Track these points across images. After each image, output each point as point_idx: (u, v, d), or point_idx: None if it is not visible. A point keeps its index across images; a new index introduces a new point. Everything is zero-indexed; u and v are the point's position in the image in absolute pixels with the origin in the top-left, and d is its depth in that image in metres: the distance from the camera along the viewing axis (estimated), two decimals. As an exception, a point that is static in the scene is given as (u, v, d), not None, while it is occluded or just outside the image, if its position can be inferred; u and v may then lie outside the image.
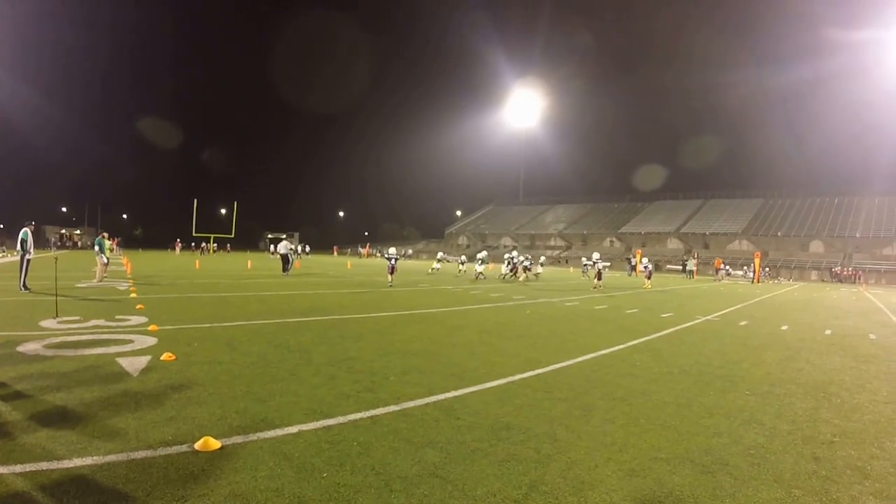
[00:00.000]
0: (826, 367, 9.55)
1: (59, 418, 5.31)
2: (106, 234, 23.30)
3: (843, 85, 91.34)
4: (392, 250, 26.27)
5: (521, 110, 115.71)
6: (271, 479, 4.14)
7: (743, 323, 15.84)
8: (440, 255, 43.06)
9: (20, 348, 8.39)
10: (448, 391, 6.86)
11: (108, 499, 3.74)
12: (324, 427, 5.34)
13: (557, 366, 8.70)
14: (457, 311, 16.11)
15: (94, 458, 4.39)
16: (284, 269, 30.03)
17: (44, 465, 4.21)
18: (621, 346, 10.74)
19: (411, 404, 6.22)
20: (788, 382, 8.23)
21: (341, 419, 5.59)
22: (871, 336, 14.23)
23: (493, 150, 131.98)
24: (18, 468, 4.14)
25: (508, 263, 34.89)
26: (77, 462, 4.31)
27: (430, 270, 39.24)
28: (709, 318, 16.81)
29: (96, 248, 22.27)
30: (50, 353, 8.19)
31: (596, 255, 30.74)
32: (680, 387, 7.63)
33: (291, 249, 32.15)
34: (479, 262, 34.57)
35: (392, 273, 25.43)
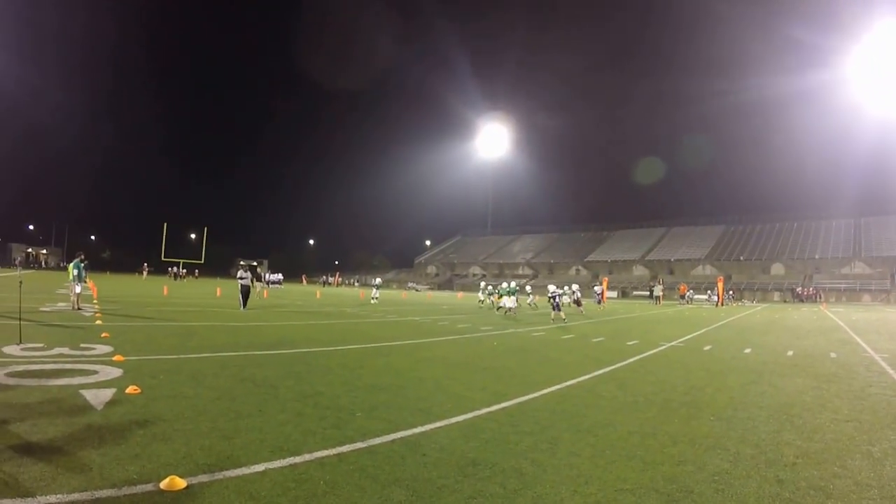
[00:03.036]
0: (788, 389, 9.74)
1: (22, 451, 5.21)
2: (82, 256, 21.82)
3: (801, 110, 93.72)
4: (378, 280, 27.00)
5: (489, 142, 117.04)
6: (237, 522, 4.09)
7: (707, 348, 16.07)
8: (377, 281, 42.33)
9: (-20, 375, 8.22)
10: (414, 426, 6.82)
11: (70, 544, 3.68)
12: (290, 465, 5.28)
13: (523, 398, 8.71)
14: (424, 343, 16.09)
15: (59, 495, 4.30)
16: (244, 304, 25.81)
17: (6, 503, 4.13)
18: (587, 377, 10.78)
19: (377, 441, 6.18)
20: (751, 406, 8.37)
21: (307, 456, 5.53)
22: (832, 355, 14.61)
23: (461, 180, 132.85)
24: (-23, 509, 4.03)
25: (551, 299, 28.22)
26: (41, 499, 4.22)
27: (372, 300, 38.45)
28: (673, 343, 17.01)
29: (74, 272, 20.85)
30: (12, 381, 8.09)
31: (574, 286, 30.52)
32: (645, 416, 7.69)
33: (253, 279, 29.05)
34: (508, 293, 30.91)
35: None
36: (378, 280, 26.26)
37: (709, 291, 61.81)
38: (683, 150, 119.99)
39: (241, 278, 26.51)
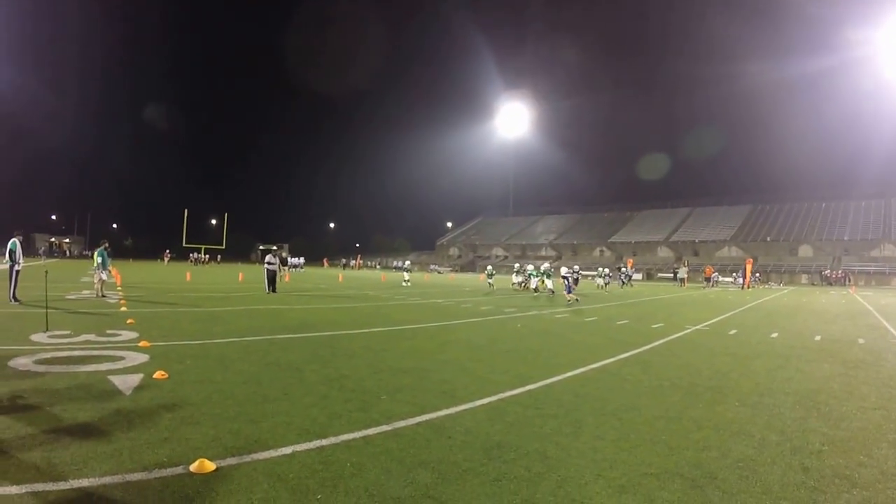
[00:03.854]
0: (815, 375, 9.62)
1: (53, 437, 5.33)
2: (107, 244, 21.87)
3: (829, 88, 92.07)
4: (408, 263, 27.34)
5: (511, 122, 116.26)
6: (266, 501, 4.18)
7: (733, 332, 15.92)
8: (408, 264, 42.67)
9: (11, 363, 8.43)
10: (439, 409, 6.89)
11: (103, 525, 3.77)
12: (317, 448, 5.37)
13: (548, 381, 8.75)
14: (447, 325, 16.17)
15: (90, 479, 4.41)
16: (270, 287, 26.25)
17: (39, 487, 4.23)
18: (611, 360, 10.79)
19: (403, 424, 6.25)
20: (777, 392, 8.29)
21: (334, 439, 5.62)
22: (860, 341, 14.35)
23: (483, 161, 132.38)
24: (14, 489, 4.16)
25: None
26: (73, 483, 4.33)
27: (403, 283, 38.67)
28: (698, 327, 16.91)
29: (98, 259, 21.06)
30: (41, 368, 8.23)
31: (567, 268, 29.66)
32: (670, 400, 7.68)
33: (278, 264, 28.07)
34: (545, 274, 32.46)
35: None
36: (408, 263, 26.32)
37: (734, 274, 61.22)
38: (708, 130, 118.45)
39: (269, 263, 26.71)
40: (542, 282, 32.53)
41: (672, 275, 59.31)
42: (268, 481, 4.56)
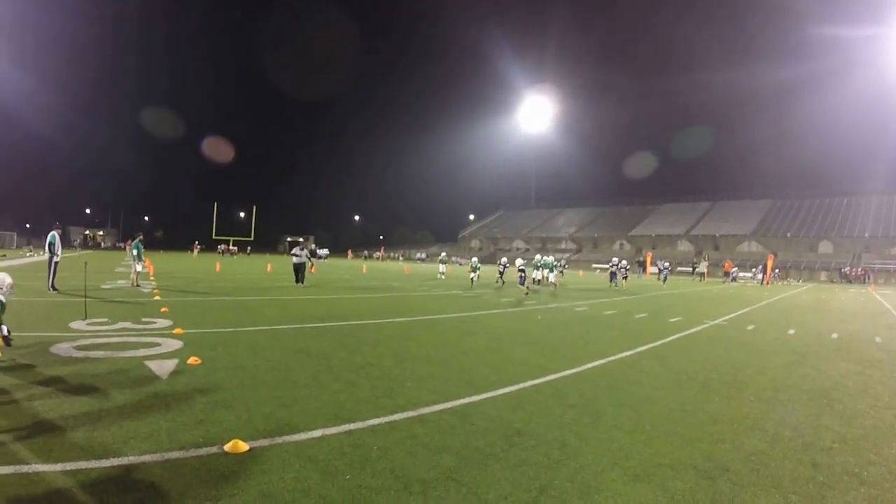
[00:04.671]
0: (831, 373, 9.69)
1: (94, 418, 5.63)
2: (141, 236, 22.40)
3: (850, 82, 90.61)
4: (443, 255, 27.27)
5: (534, 116, 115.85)
6: (298, 481, 4.44)
7: (750, 327, 15.98)
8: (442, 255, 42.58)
9: (52, 349, 8.75)
10: (462, 398, 7.14)
11: (146, 497, 4.04)
12: (345, 431, 5.64)
13: (567, 372, 8.96)
14: (469, 316, 16.41)
15: (130, 458, 4.69)
16: (298, 280, 25.80)
17: (82, 465, 4.51)
18: (630, 353, 10.95)
19: (427, 410, 6.51)
20: (793, 388, 8.40)
21: (361, 424, 5.89)
22: (878, 339, 14.35)
23: (505, 155, 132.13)
24: (59, 466, 4.44)
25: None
26: (114, 461, 4.61)
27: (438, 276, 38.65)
28: (716, 322, 16.98)
29: (134, 251, 21.56)
30: (81, 354, 8.53)
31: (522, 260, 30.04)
32: (686, 393, 7.85)
33: (307, 256, 27.38)
34: (555, 267, 32.65)
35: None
36: (443, 254, 25.99)
37: (754, 269, 60.82)
38: (729, 123, 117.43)
39: (296, 256, 26.26)
40: (545, 276, 32.71)
41: (690, 269, 58.89)
42: (299, 462, 4.83)
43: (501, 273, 33.63)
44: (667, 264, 43.57)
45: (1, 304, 8.19)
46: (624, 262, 35.61)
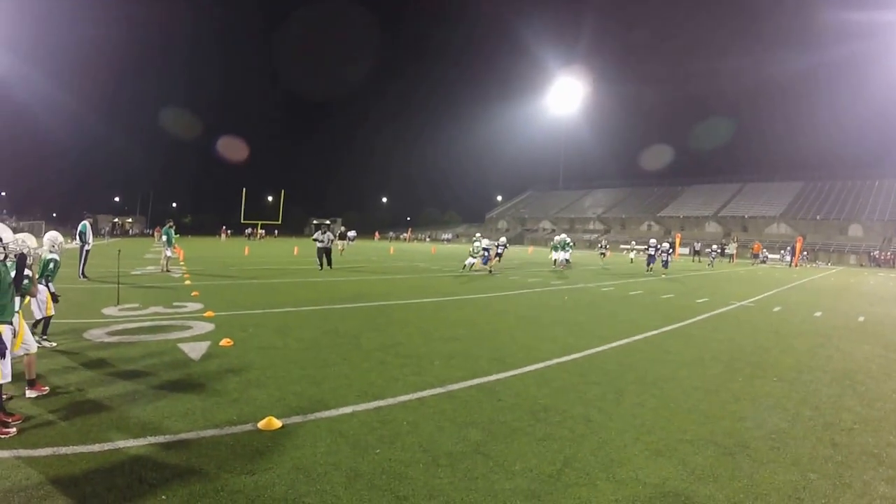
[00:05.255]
0: (855, 356, 9.68)
1: (130, 400, 5.87)
2: (171, 223, 22.57)
3: (885, 65, 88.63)
4: (477, 235, 26.70)
5: (563, 96, 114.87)
6: (329, 455, 4.65)
7: (777, 309, 15.94)
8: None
9: (86, 334, 9.00)
10: (490, 374, 7.33)
11: (184, 472, 4.27)
12: (375, 408, 5.85)
13: (593, 351, 9.11)
14: (497, 296, 16.55)
15: (168, 436, 4.93)
16: (324, 263, 24.88)
17: (120, 444, 4.74)
18: (655, 332, 11.06)
19: (455, 387, 6.71)
20: (816, 370, 8.43)
21: (391, 400, 6.10)
22: None
23: (532, 135, 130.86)
24: (97, 447, 4.67)
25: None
26: (150, 439, 4.85)
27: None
28: (743, 303, 16.94)
29: (164, 238, 21.84)
30: (115, 339, 8.76)
31: (503, 239, 29.60)
32: (710, 373, 7.95)
33: (332, 240, 25.95)
34: (569, 247, 32.28)
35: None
36: (478, 234, 25.10)
37: (782, 251, 60.18)
38: (759, 105, 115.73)
39: (319, 241, 25.21)
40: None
41: (720, 250, 58.24)
42: (330, 437, 5.04)
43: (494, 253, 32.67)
44: (716, 248, 41.55)
45: (55, 263, 8.43)
46: (665, 244, 32.62)
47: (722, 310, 15.13)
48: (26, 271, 5.96)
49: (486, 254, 26.13)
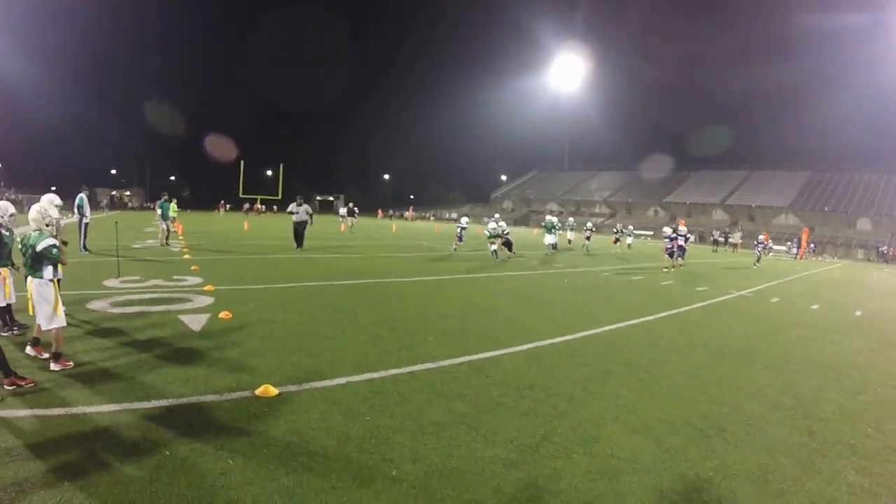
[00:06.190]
0: (845, 349, 9.80)
1: (135, 367, 6.14)
2: (167, 196, 22.50)
3: (894, 56, 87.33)
4: (497, 216, 24.87)
5: (566, 75, 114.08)
6: (322, 420, 4.93)
7: (775, 300, 16.06)
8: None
9: (89, 306, 9.22)
10: (481, 352, 7.57)
11: (186, 432, 4.55)
12: (368, 379, 6.12)
13: (586, 333, 9.33)
14: (496, 276, 16.80)
15: (170, 400, 5.22)
16: (298, 243, 22.52)
17: (128, 405, 5.03)
18: (650, 318, 11.26)
19: (446, 363, 6.97)
20: (804, 361, 8.59)
21: (383, 373, 6.38)
22: None
23: (538, 114, 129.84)
24: (105, 408, 4.96)
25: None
26: (155, 403, 5.14)
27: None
28: (742, 293, 17.08)
29: (158, 211, 21.83)
30: (117, 310, 8.99)
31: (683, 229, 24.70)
32: (698, 359, 8.14)
33: (310, 214, 23.39)
34: (570, 227, 33.09)
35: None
36: (497, 216, 23.43)
37: (789, 242, 60.00)
38: (769, 89, 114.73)
39: (295, 213, 22.71)
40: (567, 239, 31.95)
41: (723, 238, 57.82)
42: (324, 405, 5.32)
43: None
44: (762, 239, 32.66)
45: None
46: (682, 229, 25.37)
47: (720, 299, 15.29)
48: (51, 241, 6.17)
49: (462, 233, 25.76)
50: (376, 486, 3.89)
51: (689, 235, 26.72)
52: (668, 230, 24.69)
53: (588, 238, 32.80)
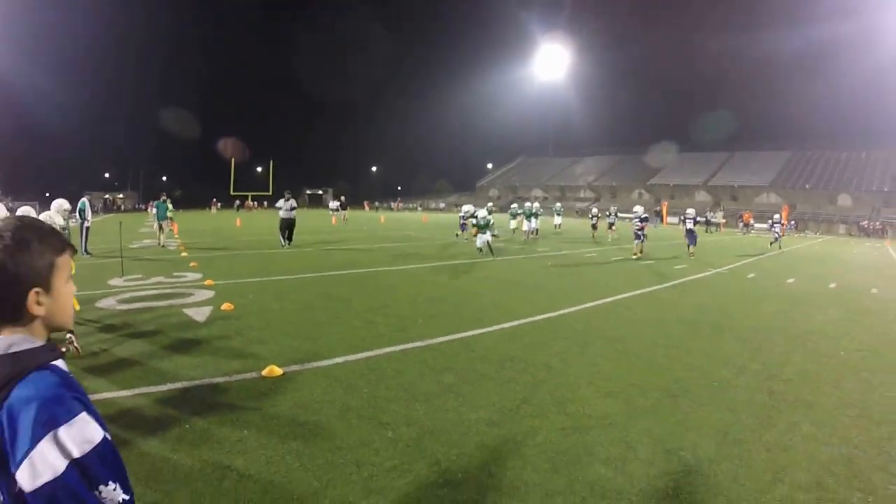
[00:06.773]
0: (817, 319, 10.22)
1: (147, 355, 6.64)
2: (165, 197, 22.66)
3: (873, 36, 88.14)
4: (490, 205, 24.47)
5: (550, 61, 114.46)
6: (325, 394, 5.45)
7: (751, 275, 16.53)
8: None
9: (98, 304, 9.63)
10: (467, 331, 8.12)
11: (201, 409, 5.03)
12: (364, 358, 6.67)
13: (566, 311, 9.88)
14: (482, 262, 17.28)
15: (183, 382, 5.71)
16: (285, 239, 21.08)
17: (144, 389, 5.50)
18: (628, 294, 11.80)
19: (435, 341, 7.53)
20: (774, 330, 9.04)
21: (378, 352, 6.93)
22: (873, 290, 14.48)
23: (522, 101, 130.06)
24: (124, 392, 5.43)
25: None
26: (169, 386, 5.62)
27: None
28: (719, 270, 17.59)
29: (153, 211, 22.11)
30: (125, 306, 9.45)
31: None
32: (672, 332, 8.63)
33: (294, 209, 21.44)
34: (558, 213, 33.73)
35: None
36: (490, 205, 22.80)
37: (769, 220, 60.57)
38: (750, 71, 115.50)
39: (282, 209, 21.24)
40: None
41: (704, 220, 58.30)
42: (325, 381, 5.84)
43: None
44: (778, 217, 30.99)
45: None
46: (691, 211, 24.78)
47: (697, 276, 15.78)
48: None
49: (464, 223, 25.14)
50: (375, 446, 4.39)
51: (698, 218, 25.32)
52: (639, 209, 22.05)
53: (594, 226, 31.68)
